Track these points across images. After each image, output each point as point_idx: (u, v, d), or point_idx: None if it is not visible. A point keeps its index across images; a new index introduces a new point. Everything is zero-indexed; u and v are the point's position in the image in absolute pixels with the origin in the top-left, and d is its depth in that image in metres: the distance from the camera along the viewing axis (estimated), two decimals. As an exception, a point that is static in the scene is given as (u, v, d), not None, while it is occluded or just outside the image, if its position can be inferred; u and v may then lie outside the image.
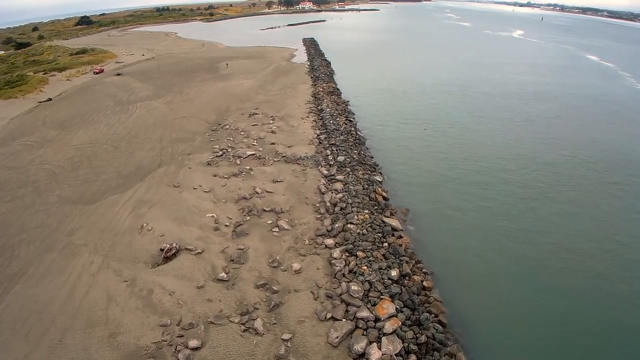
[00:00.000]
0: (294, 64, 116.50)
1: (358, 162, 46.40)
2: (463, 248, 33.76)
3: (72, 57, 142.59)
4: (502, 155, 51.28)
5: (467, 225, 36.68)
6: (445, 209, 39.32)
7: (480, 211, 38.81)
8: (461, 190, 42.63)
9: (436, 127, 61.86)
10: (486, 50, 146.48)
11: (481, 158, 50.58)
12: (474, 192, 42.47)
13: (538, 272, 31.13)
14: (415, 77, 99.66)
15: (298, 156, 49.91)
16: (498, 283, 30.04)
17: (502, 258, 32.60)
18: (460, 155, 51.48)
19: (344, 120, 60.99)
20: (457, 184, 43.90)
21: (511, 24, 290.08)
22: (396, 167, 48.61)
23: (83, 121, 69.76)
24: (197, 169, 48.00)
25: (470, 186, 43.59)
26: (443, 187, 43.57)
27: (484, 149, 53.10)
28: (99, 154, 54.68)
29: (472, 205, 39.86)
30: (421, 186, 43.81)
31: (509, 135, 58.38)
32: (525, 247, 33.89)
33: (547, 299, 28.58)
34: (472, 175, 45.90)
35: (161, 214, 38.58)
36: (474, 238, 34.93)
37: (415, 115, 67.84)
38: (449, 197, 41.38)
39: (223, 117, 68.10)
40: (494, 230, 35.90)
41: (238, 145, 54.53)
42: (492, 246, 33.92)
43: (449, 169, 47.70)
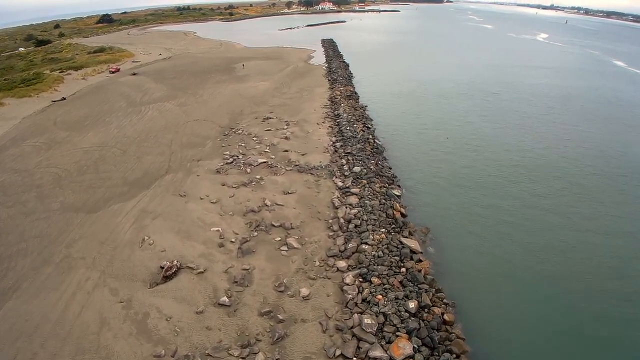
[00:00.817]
0: (312, 66, 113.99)
1: (375, 174, 43.48)
2: (489, 275, 30.60)
3: (89, 55, 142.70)
4: (530, 170, 47.60)
5: (493, 248, 33.45)
6: (469, 229, 36.11)
7: (508, 233, 35.48)
8: (486, 209, 39.27)
9: (459, 136, 58.34)
10: (510, 54, 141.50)
11: (507, 172, 47.02)
12: (500, 210, 39.08)
13: (580, 307, 27.73)
14: (437, 80, 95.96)
15: (312, 165, 47.27)
16: (528, 318, 26.81)
17: (533, 289, 29.29)
18: (485, 168, 48.04)
19: (362, 126, 58.12)
20: (481, 202, 40.54)
21: (535, 26, 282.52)
22: (416, 179, 45.53)
23: (94, 122, 68.36)
24: (206, 176, 45.74)
25: (496, 204, 40.21)
26: (467, 203, 40.29)
27: (511, 162, 49.51)
28: (107, 158, 52.95)
29: (498, 225, 36.53)
30: (443, 202, 40.62)
31: (537, 147, 54.60)
32: (564, 279, 30.42)
33: (593, 337, 25.31)
34: (498, 191, 42.48)
35: (164, 227, 36.35)
36: (501, 264, 31.72)
37: (437, 122, 64.51)
38: (473, 215, 38.12)
39: (236, 120, 65.88)
40: (524, 255, 32.56)
41: (249, 151, 52.15)
42: (523, 275, 30.62)
43: (473, 183, 44.35)
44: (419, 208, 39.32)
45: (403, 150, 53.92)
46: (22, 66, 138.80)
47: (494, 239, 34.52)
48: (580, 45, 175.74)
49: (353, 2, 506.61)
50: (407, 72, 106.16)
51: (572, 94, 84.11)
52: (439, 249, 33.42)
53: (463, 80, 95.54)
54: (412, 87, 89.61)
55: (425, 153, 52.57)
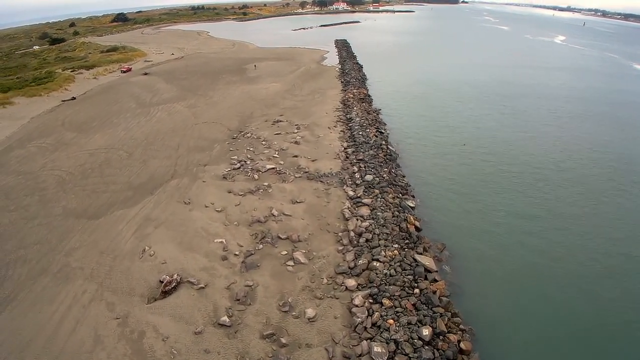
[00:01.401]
0: (324, 67, 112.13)
1: (388, 183, 41.44)
2: (510, 299, 28.39)
3: (102, 54, 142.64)
4: (552, 182, 44.98)
5: (514, 268, 31.21)
6: (488, 246, 33.90)
7: (531, 251, 33.18)
8: (506, 224, 36.95)
9: (476, 142, 55.85)
10: (527, 56, 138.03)
11: (529, 184, 44.42)
12: (521, 226, 36.74)
13: (609, 336, 25.43)
14: (454, 83, 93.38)
15: (322, 173, 45.39)
16: (553, 349, 24.56)
17: (560, 317, 26.98)
18: (504, 178, 45.60)
19: (375, 131, 56.07)
20: (501, 215, 38.21)
21: (552, 28, 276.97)
22: (431, 189, 43.34)
23: (102, 123, 67.36)
24: (212, 182, 44.15)
25: (517, 218, 37.85)
26: (485, 217, 38.03)
27: (532, 174, 46.92)
28: (112, 161, 51.73)
29: (519, 243, 34.23)
30: (459, 215, 38.42)
31: (559, 156, 51.98)
32: (598, 307, 28.02)
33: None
34: (519, 205, 40.03)
35: (166, 237, 34.78)
36: (523, 286, 29.48)
37: (453, 127, 62.12)
38: (492, 231, 35.88)
39: (246, 123, 64.30)
40: (549, 278, 30.24)
41: (258, 156, 50.47)
42: (548, 300, 28.33)
43: (492, 195, 41.98)
44: (434, 221, 37.16)
45: (418, 157, 51.72)
46: (35, 64, 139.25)
47: (515, 258, 32.27)
48: (599, 48, 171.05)
49: (367, 2, 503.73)
50: (422, 74, 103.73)
51: (593, 99, 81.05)
52: (456, 267, 31.29)
53: (480, 83, 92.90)
54: (427, 89, 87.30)
55: (441, 160, 50.30)
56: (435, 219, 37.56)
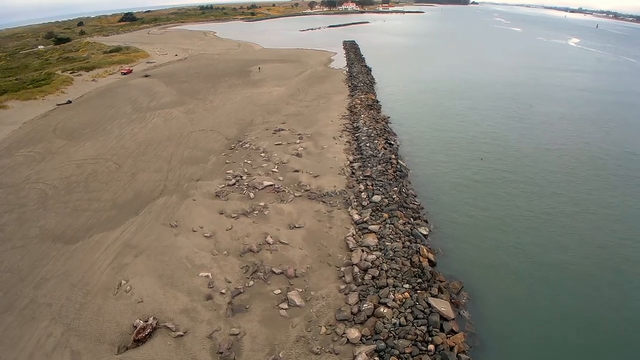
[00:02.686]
0: (331, 70, 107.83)
1: (398, 205, 37.02)
2: (539, 356, 23.87)
3: (104, 55, 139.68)
4: (586, 205, 40.15)
5: (543, 314, 26.68)
6: (512, 284, 29.39)
7: (563, 293, 28.61)
8: (533, 256, 32.35)
9: (495, 157, 50.78)
10: (542, 59, 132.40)
11: (559, 208, 39.45)
12: (550, 259, 32.13)
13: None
14: (467, 88, 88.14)
15: (324, 191, 41.09)
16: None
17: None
18: (529, 201, 40.65)
19: (383, 143, 51.65)
20: (526, 246, 33.57)
21: (564, 30, 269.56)
22: (446, 212, 38.73)
23: (94, 130, 63.70)
24: (203, 201, 40.06)
25: (545, 249, 33.23)
26: (508, 248, 33.44)
27: (558, 195, 42.00)
28: (99, 174, 47.95)
29: (550, 282, 29.63)
30: (478, 245, 33.87)
31: (589, 173, 47.19)
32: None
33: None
34: (546, 234, 35.20)
35: (146, 268, 30.75)
36: (555, 338, 24.93)
37: (469, 139, 57.11)
38: (517, 265, 31.35)
39: (245, 132, 60.24)
40: (587, 328, 25.67)
41: (255, 171, 46.34)
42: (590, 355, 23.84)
43: (516, 220, 37.23)
44: (450, 252, 32.66)
45: (431, 173, 47.02)
46: (37, 65, 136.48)
47: (546, 302, 27.67)
48: (614, 52, 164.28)
49: (376, 3, 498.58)
50: (434, 79, 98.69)
51: (614, 109, 75.47)
52: (475, 313, 26.76)
53: (495, 88, 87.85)
54: (440, 96, 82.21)
55: (457, 178, 45.51)
56: (451, 249, 33.04)
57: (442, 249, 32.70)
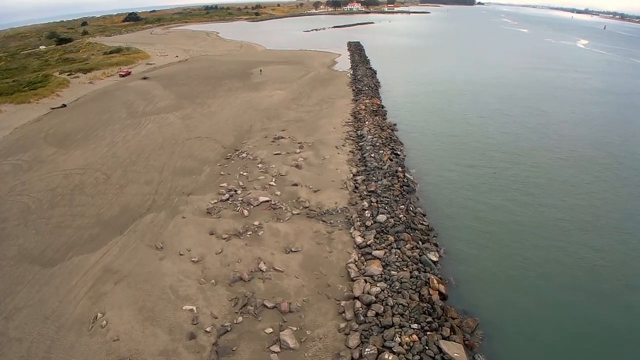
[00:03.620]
0: (335, 73, 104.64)
1: (405, 226, 33.77)
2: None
3: (104, 56, 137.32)
4: (611, 224, 36.82)
5: (575, 357, 23.38)
6: (535, 319, 26.09)
7: (604, 330, 25.27)
8: (564, 286, 28.98)
9: (509, 171, 46.84)
10: (552, 62, 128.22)
11: (585, 226, 36.15)
12: (588, 289, 28.71)
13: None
14: (477, 93, 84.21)
15: (325, 209, 37.91)
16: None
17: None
18: (547, 220, 37.09)
19: (389, 153, 48.40)
20: (552, 272, 30.23)
21: (572, 31, 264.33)
22: (457, 233, 35.41)
23: (86, 137, 60.93)
24: (193, 219, 37.02)
25: (580, 279, 29.76)
26: (530, 274, 30.12)
27: (582, 208, 38.84)
28: (86, 186, 45.10)
29: (583, 317, 26.32)
30: (494, 271, 30.58)
31: (608, 188, 43.70)
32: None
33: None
34: (579, 259, 31.86)
35: (126, 298, 27.75)
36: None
37: (480, 150, 53.19)
38: (542, 294, 28.07)
39: (242, 140, 57.21)
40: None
41: (251, 184, 43.27)
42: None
43: (536, 244, 33.70)
44: (462, 282, 29.38)
45: (440, 188, 43.53)
46: (36, 66, 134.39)
47: (577, 340, 24.36)
48: (623, 54, 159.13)
49: (382, 3, 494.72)
50: (442, 82, 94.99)
51: (632, 113, 71.82)
52: (493, 355, 23.48)
53: (505, 93, 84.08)
54: (448, 100, 78.53)
55: (468, 193, 42.04)
56: (463, 278, 29.74)
57: (453, 279, 29.40)
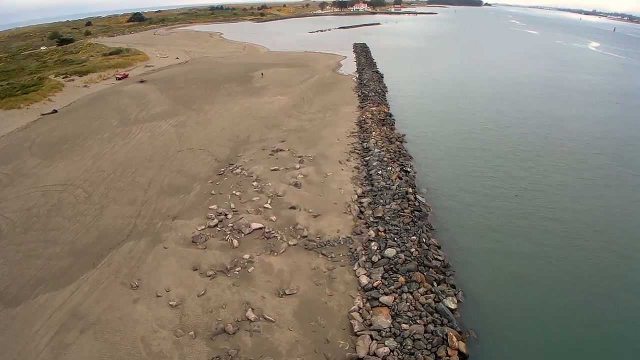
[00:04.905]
0: (340, 76, 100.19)
1: (418, 262, 29.28)
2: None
3: (103, 57, 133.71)
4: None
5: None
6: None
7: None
8: (606, 340, 24.47)
9: (532, 193, 41.53)
10: (565, 66, 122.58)
11: (624, 262, 31.67)
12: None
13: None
14: (490, 99, 79.09)
15: (325, 239, 33.48)
16: None
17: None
18: (586, 254, 32.64)
19: (398, 170, 43.91)
20: (590, 322, 25.71)
21: (582, 33, 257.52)
22: (477, 269, 30.80)
23: (72, 147, 56.99)
24: (175, 250, 32.73)
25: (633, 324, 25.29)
26: (564, 324, 25.58)
27: (618, 240, 34.20)
28: (65, 205, 41.08)
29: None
30: (522, 319, 26.02)
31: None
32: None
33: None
34: (625, 299, 27.39)
35: (90, 354, 23.62)
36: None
37: (498, 167, 47.87)
38: (579, 344, 23.53)
39: (238, 152, 52.97)
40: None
41: (244, 206, 38.94)
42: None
43: (568, 284, 29.19)
44: (486, 335, 24.80)
45: (455, 212, 38.62)
46: (34, 68, 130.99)
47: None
48: (637, 57, 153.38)
49: (388, 4, 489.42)
50: (453, 87, 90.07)
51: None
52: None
53: (522, 100, 79.10)
54: (460, 108, 73.29)
55: (488, 220, 37.18)
56: (486, 329, 25.16)
57: (474, 332, 24.83)
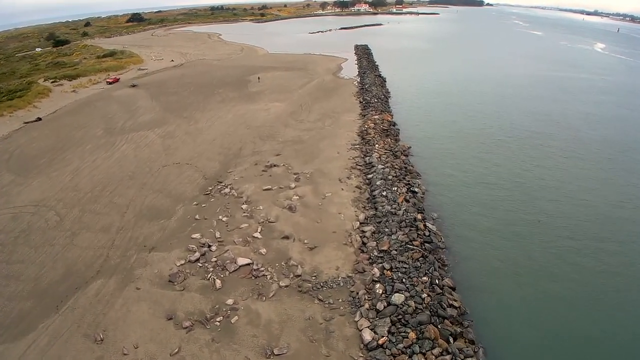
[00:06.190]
0: (341, 80, 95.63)
1: (431, 313, 24.72)
2: None
3: (96, 60, 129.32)
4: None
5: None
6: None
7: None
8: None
9: (556, 218, 36.77)
10: (576, 69, 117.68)
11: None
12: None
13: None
14: (502, 107, 73.67)
15: (322, 279, 28.92)
16: None
17: None
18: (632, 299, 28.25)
19: (405, 191, 39.34)
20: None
21: (586, 34, 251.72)
22: (497, 316, 26.24)
23: (51, 160, 52.72)
24: (148, 292, 28.20)
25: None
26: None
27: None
28: (33, 231, 36.73)
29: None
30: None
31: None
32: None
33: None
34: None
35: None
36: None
37: (515, 184, 43.01)
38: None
39: (229, 167, 48.51)
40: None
41: (231, 235, 34.40)
42: None
43: (618, 338, 24.76)
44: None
45: (470, 243, 33.71)
46: (25, 71, 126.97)
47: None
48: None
49: (390, 4, 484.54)
50: (459, 92, 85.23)
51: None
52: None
53: (534, 106, 74.31)
54: (468, 116, 68.24)
55: (509, 251, 32.40)
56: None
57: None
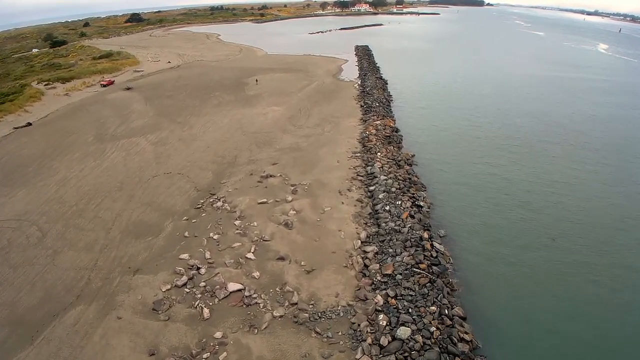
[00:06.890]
0: (341, 83, 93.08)
1: (441, 349, 22.23)
2: None
3: (92, 61, 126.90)
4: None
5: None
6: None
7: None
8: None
9: (572, 238, 34.32)
10: (581, 71, 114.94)
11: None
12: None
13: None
14: (508, 112, 70.64)
15: (320, 308, 26.40)
16: None
17: None
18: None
19: (410, 206, 36.81)
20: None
21: (588, 35, 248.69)
22: (512, 351, 23.76)
23: (38, 170, 50.25)
24: (130, 323, 25.68)
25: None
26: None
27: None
28: (14, 249, 34.47)
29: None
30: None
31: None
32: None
33: None
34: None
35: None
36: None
37: (525, 197, 40.42)
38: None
39: (222, 177, 46.04)
40: None
41: (222, 255, 31.90)
42: None
43: None
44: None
45: (480, 264, 31.20)
46: (19, 73, 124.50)
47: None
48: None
49: (390, 4, 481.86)
50: (463, 95, 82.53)
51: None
52: None
53: (540, 109, 71.78)
54: (473, 121, 65.39)
55: (520, 273, 29.99)
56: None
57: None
